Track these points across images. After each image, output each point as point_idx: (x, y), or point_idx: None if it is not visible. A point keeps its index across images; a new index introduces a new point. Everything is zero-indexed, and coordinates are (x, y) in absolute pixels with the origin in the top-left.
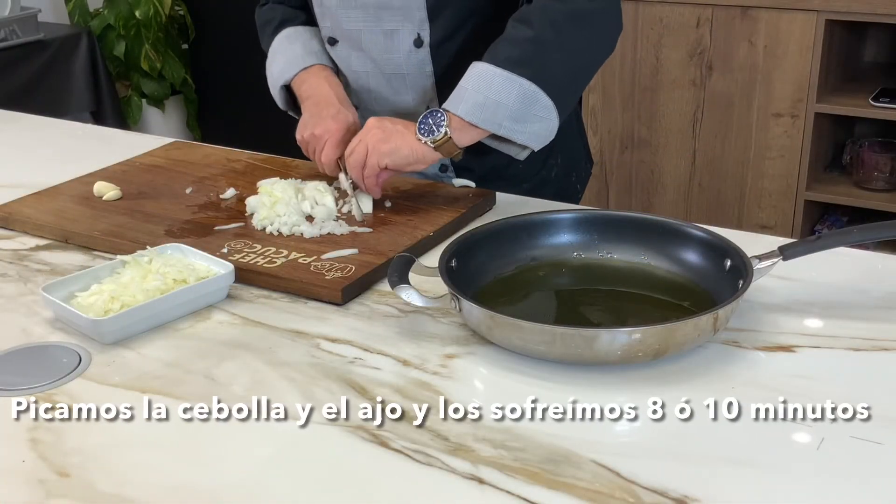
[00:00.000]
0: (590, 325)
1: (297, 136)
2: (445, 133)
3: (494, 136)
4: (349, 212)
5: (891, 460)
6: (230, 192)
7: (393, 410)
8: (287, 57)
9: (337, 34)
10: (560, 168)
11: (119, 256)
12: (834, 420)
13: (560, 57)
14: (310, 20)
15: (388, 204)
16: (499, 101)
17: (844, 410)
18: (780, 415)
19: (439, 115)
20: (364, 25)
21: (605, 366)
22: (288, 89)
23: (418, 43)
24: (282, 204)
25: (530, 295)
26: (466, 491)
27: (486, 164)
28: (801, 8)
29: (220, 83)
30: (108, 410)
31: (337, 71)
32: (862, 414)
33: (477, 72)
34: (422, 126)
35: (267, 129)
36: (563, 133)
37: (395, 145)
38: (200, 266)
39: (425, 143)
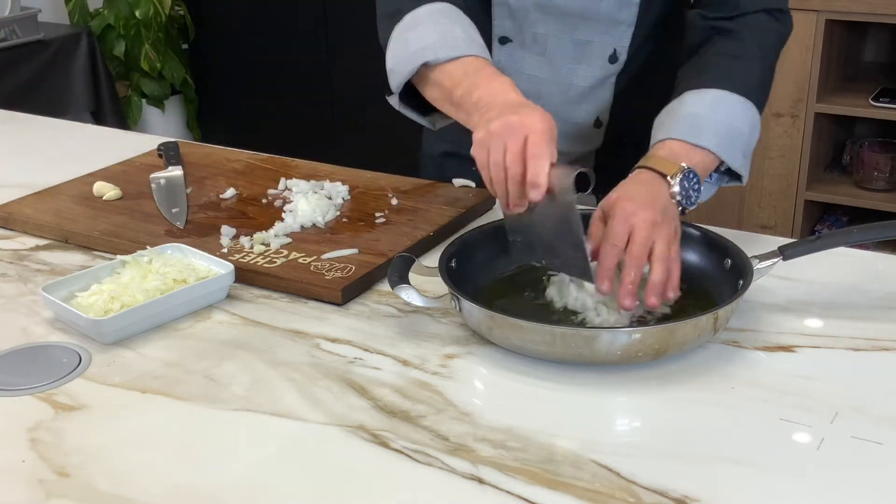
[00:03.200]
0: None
1: (475, 150)
2: (697, 201)
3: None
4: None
5: (891, 460)
6: (230, 192)
7: (393, 411)
8: (442, 33)
9: (513, 34)
10: None
11: (119, 256)
12: (834, 420)
13: (769, 83)
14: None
15: (394, 201)
16: (740, 130)
17: (844, 410)
18: (780, 415)
19: (694, 179)
20: (554, 31)
21: (605, 366)
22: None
23: (613, 59)
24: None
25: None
26: (466, 491)
27: (624, 165)
28: (801, 8)
29: (220, 83)
30: (108, 410)
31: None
32: (862, 414)
33: (710, 98)
34: (681, 196)
35: (267, 129)
36: None
37: (676, 249)
38: (200, 266)
39: (680, 206)
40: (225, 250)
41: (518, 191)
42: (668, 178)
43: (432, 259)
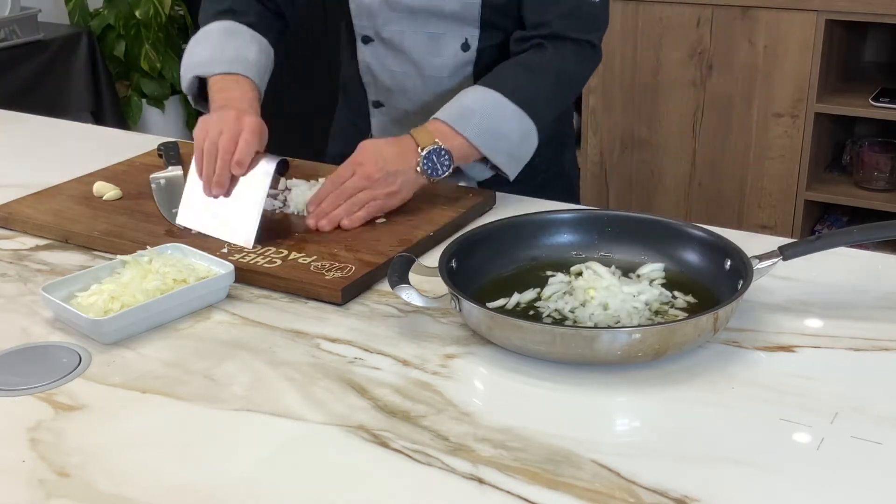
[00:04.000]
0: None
1: (197, 133)
2: (446, 173)
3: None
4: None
5: (891, 460)
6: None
7: (393, 411)
8: (214, 52)
9: (372, 34)
10: (569, 163)
11: (119, 256)
12: (834, 420)
13: (557, 105)
14: (259, 19)
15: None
16: (506, 135)
17: (844, 410)
18: (780, 415)
19: (444, 155)
20: (408, 27)
21: (605, 366)
22: (201, 82)
23: (465, 47)
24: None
25: None
26: (466, 491)
27: None
28: (801, 8)
29: None
30: (108, 410)
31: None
32: (862, 414)
33: (488, 98)
34: (427, 165)
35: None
36: (569, 129)
37: (400, 191)
38: (200, 266)
39: (427, 179)
40: (225, 250)
41: (223, 167)
42: (420, 148)
43: (432, 259)
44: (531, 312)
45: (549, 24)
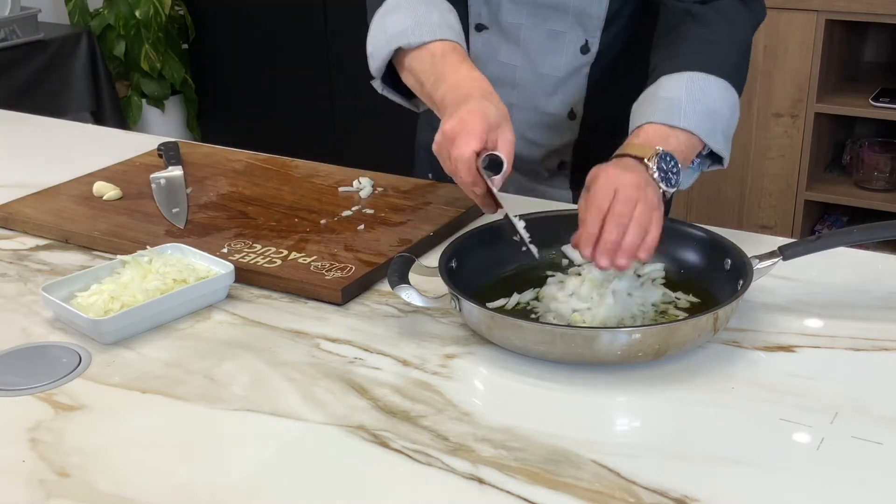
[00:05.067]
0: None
1: (435, 153)
2: (678, 183)
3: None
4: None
5: (891, 460)
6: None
7: (393, 411)
8: (417, 17)
9: (488, 22)
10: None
11: (119, 256)
12: (834, 420)
13: (744, 66)
14: None
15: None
16: (720, 112)
17: (844, 410)
18: (780, 415)
19: (671, 161)
20: (527, 21)
21: (605, 366)
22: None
23: (585, 50)
24: None
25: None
26: (466, 491)
27: (599, 157)
28: (801, 8)
29: (220, 83)
30: (108, 410)
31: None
32: (862, 414)
33: (686, 81)
34: (660, 177)
35: (267, 129)
36: None
37: (658, 217)
38: (200, 266)
39: (663, 193)
40: (225, 250)
41: (477, 197)
42: (646, 160)
43: (432, 259)
44: (532, 316)
45: None
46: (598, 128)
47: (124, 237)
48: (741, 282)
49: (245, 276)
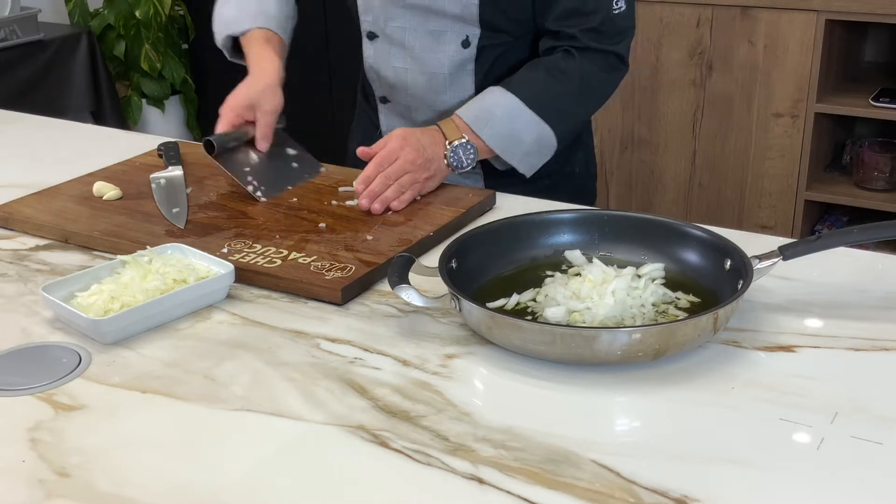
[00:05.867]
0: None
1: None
2: (470, 166)
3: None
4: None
5: (891, 460)
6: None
7: (393, 411)
8: (239, 9)
9: (377, 30)
10: (581, 164)
11: (119, 257)
12: (834, 420)
13: (578, 112)
14: None
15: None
16: (521, 139)
17: (844, 410)
18: (780, 415)
19: (471, 151)
20: (409, 24)
21: (605, 366)
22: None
23: (465, 44)
24: None
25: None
26: (466, 491)
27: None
28: (801, 8)
29: (220, 83)
30: (108, 410)
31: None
32: (862, 414)
33: (507, 102)
34: (454, 158)
35: None
36: (585, 129)
37: (435, 176)
38: (200, 266)
39: (450, 168)
40: (225, 250)
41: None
42: (448, 141)
43: (432, 259)
44: (532, 316)
45: (575, 37)
46: None
47: (124, 237)
48: (741, 282)
49: (245, 276)
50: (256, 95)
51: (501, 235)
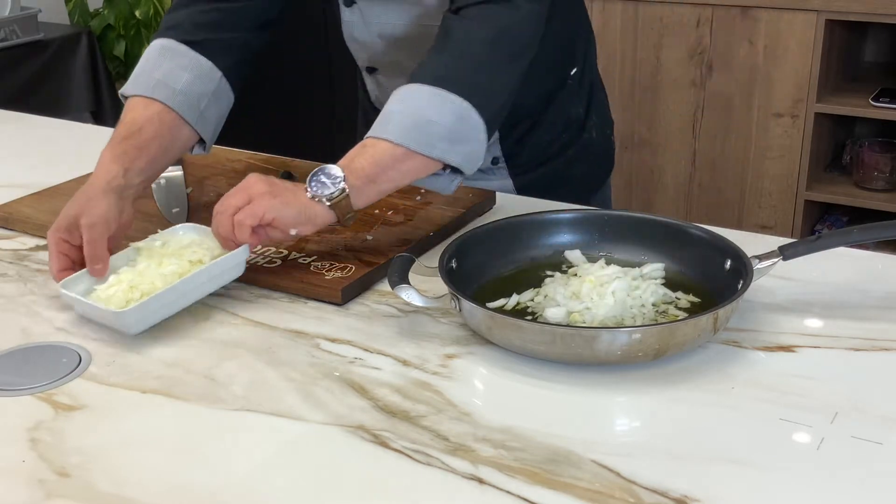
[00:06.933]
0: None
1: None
2: (343, 190)
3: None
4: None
5: (891, 460)
6: None
7: (393, 411)
8: (141, 71)
9: (375, 63)
10: (597, 127)
11: (132, 244)
12: (834, 420)
13: (494, 73)
14: (212, 44)
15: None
16: (431, 120)
17: (844, 410)
18: (780, 415)
19: (334, 170)
20: (404, 56)
21: (605, 366)
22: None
23: None
24: None
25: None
26: (466, 491)
27: (528, 145)
28: (801, 8)
29: None
30: (108, 410)
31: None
32: (862, 414)
33: (403, 94)
34: (313, 182)
35: (267, 129)
36: (594, 88)
37: (285, 200)
38: (214, 244)
39: (318, 200)
40: None
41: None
42: (307, 182)
43: (432, 259)
44: (531, 316)
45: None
46: (513, 120)
47: (124, 237)
48: (741, 282)
49: (245, 276)
50: (75, 210)
51: (501, 235)
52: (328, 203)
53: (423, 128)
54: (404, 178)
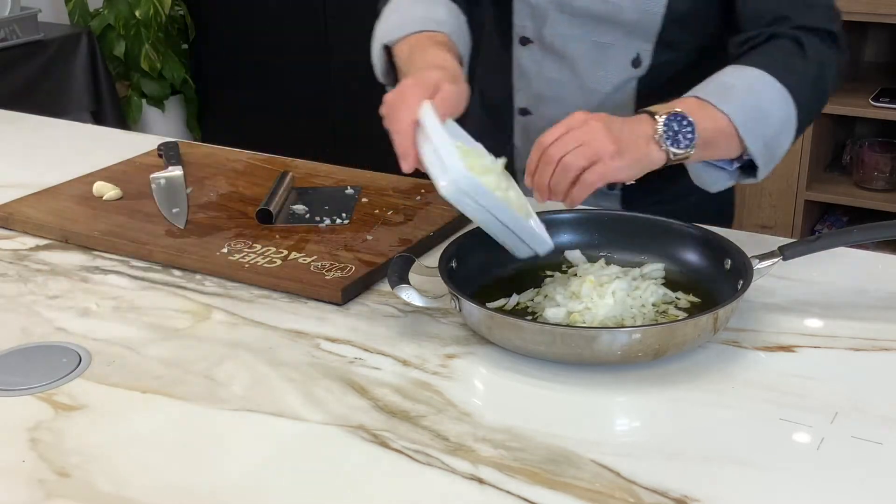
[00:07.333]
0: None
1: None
2: (690, 148)
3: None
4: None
5: (891, 460)
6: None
7: (393, 411)
8: (402, 15)
9: (533, 35)
10: None
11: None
12: (834, 420)
13: (816, 101)
14: None
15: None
16: (769, 114)
17: (844, 410)
18: (780, 415)
19: (686, 123)
20: (575, 32)
21: (605, 366)
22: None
23: (636, 63)
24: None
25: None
26: (466, 491)
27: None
28: None
29: (220, 83)
30: (108, 410)
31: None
32: (862, 414)
33: (751, 74)
34: (667, 132)
35: (267, 129)
36: None
37: (630, 161)
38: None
39: (664, 150)
40: (225, 250)
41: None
42: (656, 115)
43: (432, 259)
44: (532, 316)
45: (784, 18)
46: None
47: (124, 237)
48: (741, 282)
49: (245, 276)
50: (438, 81)
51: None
52: (673, 158)
53: (760, 117)
54: (714, 156)
